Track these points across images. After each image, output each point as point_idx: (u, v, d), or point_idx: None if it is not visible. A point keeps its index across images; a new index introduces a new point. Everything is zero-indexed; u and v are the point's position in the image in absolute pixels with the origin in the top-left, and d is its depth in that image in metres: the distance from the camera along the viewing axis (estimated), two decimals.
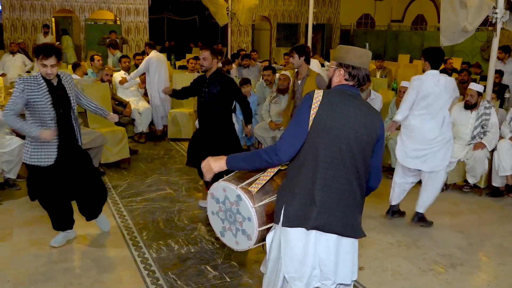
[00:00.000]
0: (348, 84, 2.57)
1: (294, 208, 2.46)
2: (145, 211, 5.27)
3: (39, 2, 15.51)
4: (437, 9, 18.10)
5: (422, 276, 4.08)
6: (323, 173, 2.44)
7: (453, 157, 5.93)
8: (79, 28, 16.35)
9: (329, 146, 2.44)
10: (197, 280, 3.88)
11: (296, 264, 2.49)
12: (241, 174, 2.73)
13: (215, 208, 2.76)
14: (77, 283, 3.82)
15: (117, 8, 16.44)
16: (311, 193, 2.44)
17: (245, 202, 2.56)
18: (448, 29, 6.78)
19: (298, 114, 2.52)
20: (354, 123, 2.46)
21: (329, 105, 2.46)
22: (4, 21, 15.40)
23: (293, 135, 2.49)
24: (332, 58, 2.66)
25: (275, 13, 18.94)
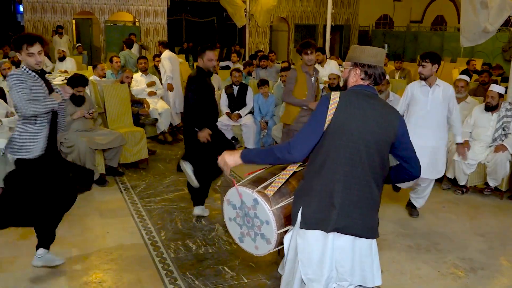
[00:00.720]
0: (364, 83, 2.56)
1: (312, 210, 2.46)
2: (163, 211, 5.30)
3: (60, 4, 15.72)
4: (458, 10, 17.89)
5: (441, 280, 4.03)
6: (342, 175, 2.44)
7: (473, 160, 5.87)
8: (99, 29, 16.53)
9: (348, 147, 2.43)
10: (214, 281, 3.88)
11: (314, 266, 2.48)
12: (256, 178, 2.73)
13: (232, 214, 2.75)
14: (97, 282, 3.86)
15: (136, 10, 16.59)
16: (330, 196, 2.44)
17: (262, 205, 2.56)
18: (468, 29, 6.70)
19: (315, 115, 2.51)
20: (372, 123, 2.45)
21: (346, 106, 2.45)
22: (26, 23, 15.64)
23: (307, 134, 2.50)
24: (347, 58, 2.64)
25: (293, 14, 18.91)
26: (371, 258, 2.53)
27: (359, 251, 2.50)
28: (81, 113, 6.03)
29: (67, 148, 5.89)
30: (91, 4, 16.06)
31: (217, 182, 6.29)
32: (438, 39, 17.08)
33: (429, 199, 5.80)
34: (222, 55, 17.39)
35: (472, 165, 5.90)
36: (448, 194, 6.13)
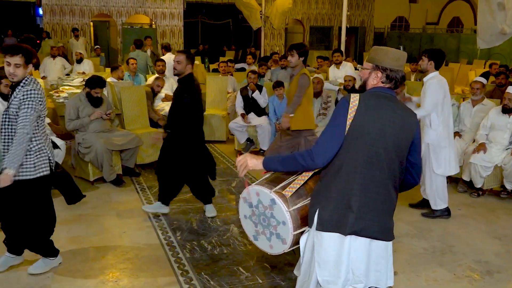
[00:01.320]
0: (384, 86, 2.53)
1: (329, 212, 2.44)
2: (179, 212, 5.33)
3: (78, 7, 15.90)
4: (474, 11, 17.71)
5: (457, 283, 3.99)
6: (361, 178, 2.42)
7: (489, 162, 5.80)
8: (116, 32, 16.69)
9: (367, 150, 2.41)
10: (229, 281, 3.89)
11: (330, 268, 2.47)
12: (273, 178, 2.72)
13: (247, 212, 2.75)
14: (113, 281, 3.89)
15: (152, 12, 16.71)
16: (348, 198, 2.42)
17: (279, 206, 2.55)
18: (485, 31, 6.65)
19: (335, 118, 2.48)
20: (391, 126, 2.43)
21: (366, 109, 2.42)
22: (45, 25, 15.85)
23: (329, 140, 2.46)
24: (368, 59, 2.61)
25: (308, 16, 18.89)
26: (386, 259, 2.53)
27: (375, 253, 2.48)
28: (98, 114, 6.09)
29: (85, 148, 5.95)
30: (108, 7, 16.21)
31: (233, 183, 6.32)
32: (454, 41, 16.92)
33: None
34: (238, 57, 17.44)
35: (489, 167, 5.83)
36: (464, 196, 6.06)
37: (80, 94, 6.26)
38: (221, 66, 9.76)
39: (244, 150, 7.90)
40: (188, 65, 4.91)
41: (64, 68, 11.36)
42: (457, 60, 15.59)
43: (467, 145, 6.23)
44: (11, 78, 3.52)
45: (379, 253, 2.49)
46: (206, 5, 19.46)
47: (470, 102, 6.48)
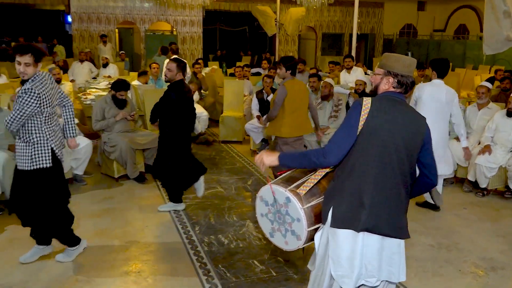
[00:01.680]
0: (395, 91, 2.53)
1: (342, 210, 2.44)
2: (197, 208, 5.35)
3: (104, 15, 16.04)
4: (479, 19, 17.49)
5: (462, 278, 3.94)
6: (373, 177, 2.41)
7: (494, 163, 5.73)
8: (140, 38, 16.80)
9: (378, 151, 2.41)
10: (245, 273, 3.90)
11: (344, 263, 2.46)
12: (288, 177, 2.72)
13: (264, 210, 2.76)
14: (136, 272, 3.92)
15: (174, 20, 16.79)
16: (360, 196, 2.42)
17: (294, 203, 2.55)
18: (491, 38, 6.54)
19: (348, 119, 2.48)
20: (401, 128, 2.42)
21: (377, 112, 2.42)
22: (74, 32, 16.02)
23: (341, 139, 2.46)
24: (379, 65, 2.60)
25: (321, 23, 18.82)
26: (398, 256, 2.51)
27: (388, 249, 2.47)
28: (123, 114, 6.14)
29: (110, 147, 6.00)
30: (132, 15, 16.33)
31: (248, 181, 6.32)
32: (460, 47, 16.72)
33: (451, 201, 5.73)
34: (253, 62, 17.44)
35: (493, 168, 5.76)
36: (469, 196, 5.99)
37: (106, 97, 6.31)
38: (237, 71, 9.78)
39: (259, 150, 7.89)
40: (179, 73, 4.92)
41: (91, 72, 11.45)
42: (463, 65, 15.40)
43: (473, 147, 6.15)
44: (22, 76, 3.52)
45: (392, 250, 2.48)
46: (224, 13, 19.49)
47: (476, 105, 6.41)
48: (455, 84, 10.32)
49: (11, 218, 4.95)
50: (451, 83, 10.08)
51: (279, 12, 13.30)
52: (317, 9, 16.62)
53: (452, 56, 16.62)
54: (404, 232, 2.52)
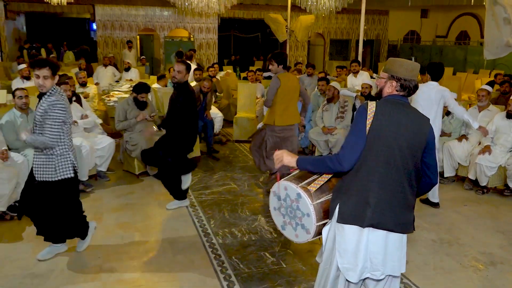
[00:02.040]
0: (399, 94, 2.51)
1: (349, 207, 2.44)
2: (212, 203, 5.36)
3: (127, 22, 16.14)
4: (480, 26, 17.28)
5: (463, 272, 3.90)
6: (378, 177, 2.40)
7: (494, 163, 5.66)
8: (159, 44, 16.87)
9: (383, 152, 2.40)
10: (257, 265, 3.90)
11: (350, 256, 2.46)
12: (300, 174, 2.72)
13: (276, 205, 2.76)
14: (156, 262, 3.94)
15: (191, 27, 16.84)
16: (366, 194, 2.41)
17: (304, 199, 2.56)
18: (491, 43, 6.47)
19: (356, 124, 2.46)
20: (405, 130, 2.40)
21: (382, 114, 2.41)
22: (98, 38, 16.15)
23: (354, 145, 2.44)
24: (384, 70, 2.58)
25: (329, 30, 18.73)
26: (400, 250, 2.50)
27: (391, 244, 2.46)
28: (143, 115, 6.17)
29: (132, 146, 6.03)
30: (153, 22, 16.41)
31: (260, 178, 6.31)
32: (462, 53, 16.52)
33: (452, 198, 5.68)
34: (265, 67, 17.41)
35: (493, 167, 5.69)
36: (470, 193, 5.91)
37: (128, 99, 6.35)
38: (249, 74, 9.77)
39: None
40: (186, 74, 4.82)
41: (114, 75, 11.52)
42: (464, 70, 15.23)
43: (473, 147, 6.08)
44: (41, 89, 3.47)
45: (395, 244, 2.48)
46: (238, 21, 19.49)
47: (476, 108, 6.33)
48: (456, 87, 10.20)
49: None
50: (452, 86, 9.97)
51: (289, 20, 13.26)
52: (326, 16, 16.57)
53: (454, 61, 16.44)
54: (409, 227, 2.50)
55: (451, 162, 6.17)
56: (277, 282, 3.62)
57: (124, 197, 5.47)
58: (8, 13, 15.41)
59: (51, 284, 3.55)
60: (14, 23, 16.49)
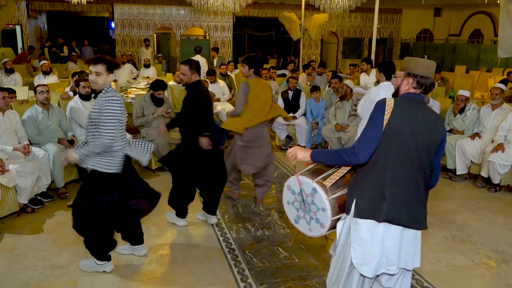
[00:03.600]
0: (415, 92, 2.48)
1: (365, 201, 2.41)
2: (227, 198, 5.34)
3: (144, 21, 16.23)
4: (494, 24, 16.97)
5: (475, 269, 3.84)
6: (393, 172, 2.38)
7: (507, 161, 5.55)
8: (175, 42, 16.92)
9: (399, 148, 2.37)
10: (270, 259, 3.88)
11: (365, 251, 2.43)
12: (315, 169, 2.70)
13: (290, 199, 2.74)
14: (171, 255, 3.95)
15: (206, 26, 16.85)
16: (382, 189, 2.38)
17: (320, 194, 2.53)
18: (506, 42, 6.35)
19: (373, 119, 2.43)
20: (421, 127, 2.38)
21: (399, 111, 2.39)
22: (117, 37, 16.26)
23: (370, 139, 2.42)
24: (400, 68, 2.56)
25: (342, 28, 18.58)
26: (414, 245, 2.48)
27: (406, 239, 2.45)
28: (160, 112, 6.19)
29: (148, 142, 6.04)
30: (169, 21, 16.47)
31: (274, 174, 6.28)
32: (475, 51, 16.26)
33: (464, 196, 5.60)
34: (279, 65, 17.37)
35: (506, 165, 5.58)
36: (482, 191, 5.82)
37: (145, 95, 6.38)
38: (263, 72, 9.72)
39: (283, 146, 7.86)
40: (194, 74, 4.29)
41: (132, 73, 11.59)
42: (477, 68, 14.97)
43: (486, 145, 5.98)
44: (93, 86, 3.33)
45: (409, 240, 2.45)
46: (253, 19, 19.44)
47: (490, 106, 6.22)
48: (469, 86, 10.04)
49: (59, 203, 5.07)
50: (465, 85, 9.83)
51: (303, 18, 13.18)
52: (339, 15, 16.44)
53: (467, 59, 16.18)
54: (423, 223, 2.47)
55: (464, 159, 6.08)
56: (290, 277, 3.61)
57: None
58: (30, 12, 15.60)
59: (70, 275, 3.58)
60: (36, 21, 16.68)
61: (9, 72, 9.16)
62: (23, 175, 4.60)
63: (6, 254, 3.91)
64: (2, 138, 4.82)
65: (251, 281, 3.54)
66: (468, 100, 6.37)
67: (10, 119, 4.98)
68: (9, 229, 4.40)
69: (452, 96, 7.92)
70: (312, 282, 3.53)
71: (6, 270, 3.64)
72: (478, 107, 6.40)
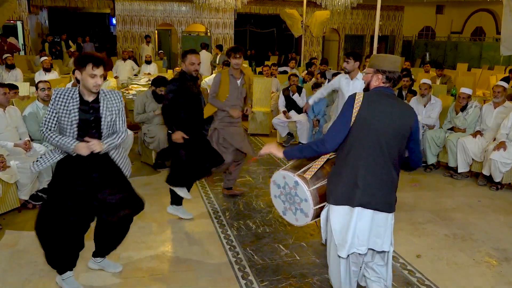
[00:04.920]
0: (385, 86, 2.68)
1: (340, 190, 2.60)
2: (228, 195, 5.34)
3: (145, 18, 16.20)
4: (496, 22, 16.92)
5: (476, 267, 3.83)
6: (365, 161, 2.56)
7: (509, 159, 5.54)
8: (177, 39, 16.89)
9: (370, 138, 2.55)
10: (271, 257, 3.88)
11: (340, 234, 2.63)
12: (297, 164, 2.90)
13: (277, 192, 2.95)
14: (172, 252, 3.95)
15: (208, 22, 16.82)
16: (355, 178, 2.57)
17: (301, 186, 2.73)
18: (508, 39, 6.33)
19: (343, 112, 2.61)
20: (390, 118, 2.56)
21: (368, 104, 2.57)
22: (118, 33, 16.24)
23: (338, 130, 2.62)
24: (369, 65, 2.75)
25: (344, 25, 18.54)
26: (385, 228, 2.64)
27: (376, 222, 2.61)
28: None
29: (150, 138, 6.05)
30: (170, 17, 16.44)
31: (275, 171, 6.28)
32: (477, 48, 16.21)
33: (466, 193, 5.59)
34: (280, 61, 17.34)
35: (508, 164, 5.57)
36: (484, 189, 5.81)
37: (147, 92, 6.37)
38: (265, 69, 9.72)
39: (285, 143, 7.86)
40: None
41: (133, 69, 11.57)
42: (479, 66, 14.93)
43: (488, 143, 5.96)
44: (96, 89, 2.98)
45: (379, 223, 2.62)
46: (254, 16, 19.41)
47: (492, 104, 6.20)
48: (471, 84, 10.01)
49: None
50: (467, 82, 9.81)
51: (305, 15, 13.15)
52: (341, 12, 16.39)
53: (469, 57, 16.14)
54: (392, 207, 2.65)
55: (465, 157, 6.07)
56: (290, 274, 3.61)
57: (141, 188, 5.48)
58: (31, 8, 15.58)
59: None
60: (37, 17, 16.66)
61: (9, 67, 9.16)
62: (24, 171, 4.60)
63: (8, 250, 3.92)
64: (3, 134, 4.82)
65: (252, 278, 3.54)
66: (470, 98, 6.35)
67: (11, 115, 4.98)
68: (10, 225, 4.41)
69: (454, 94, 7.91)
70: (313, 280, 3.53)
71: (8, 266, 3.65)
72: (480, 105, 6.38)
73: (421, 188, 5.80)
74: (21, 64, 10.95)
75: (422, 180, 6.14)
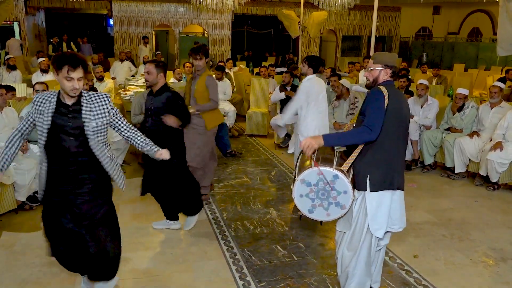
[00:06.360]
0: (391, 79, 2.95)
1: (379, 176, 2.83)
2: (225, 196, 5.35)
3: (143, 18, 16.19)
4: (493, 22, 16.98)
5: (473, 267, 3.84)
6: (395, 146, 2.85)
7: (505, 159, 5.56)
8: (174, 40, 16.89)
9: (399, 126, 2.85)
10: (268, 257, 3.88)
11: (383, 218, 2.87)
12: (322, 158, 2.96)
13: (304, 191, 2.89)
14: (169, 253, 3.95)
15: (205, 23, 16.82)
16: (390, 162, 2.84)
17: (342, 179, 2.81)
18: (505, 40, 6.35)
19: (378, 103, 2.76)
20: (407, 107, 2.94)
21: (394, 96, 2.81)
22: (115, 34, 16.22)
23: (380, 118, 2.75)
24: (375, 62, 2.96)
25: (341, 26, 18.56)
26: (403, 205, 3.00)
27: (402, 200, 2.96)
28: None
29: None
30: (168, 18, 16.43)
31: (272, 172, 6.28)
32: (473, 49, 16.26)
33: (463, 194, 5.60)
34: (278, 62, 17.35)
35: (504, 164, 5.59)
36: (480, 189, 5.83)
37: (144, 93, 6.34)
38: (262, 70, 9.72)
39: (282, 144, 7.86)
40: (160, 73, 4.03)
41: (130, 70, 11.56)
42: (476, 66, 14.97)
43: (485, 143, 5.98)
44: (73, 93, 2.69)
45: (403, 201, 2.97)
46: (251, 17, 19.43)
47: (488, 104, 6.21)
48: (468, 84, 10.04)
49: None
50: (464, 83, 9.83)
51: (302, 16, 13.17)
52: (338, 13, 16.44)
53: (465, 57, 16.18)
54: None
55: (462, 158, 6.08)
56: (288, 275, 3.61)
57: (139, 189, 5.45)
58: (28, 8, 15.54)
59: (68, 272, 3.56)
60: (34, 18, 16.63)
61: (11, 68, 9.14)
62: (21, 172, 4.58)
63: (5, 251, 3.91)
64: (0, 135, 4.81)
65: (249, 279, 3.54)
66: (467, 98, 6.37)
67: (8, 116, 4.96)
68: (7, 227, 4.40)
69: (451, 95, 7.93)
70: (310, 280, 3.53)
71: (5, 267, 3.63)
72: (477, 106, 6.40)
73: (418, 189, 5.81)
74: (18, 65, 10.92)
75: (419, 180, 6.15)
